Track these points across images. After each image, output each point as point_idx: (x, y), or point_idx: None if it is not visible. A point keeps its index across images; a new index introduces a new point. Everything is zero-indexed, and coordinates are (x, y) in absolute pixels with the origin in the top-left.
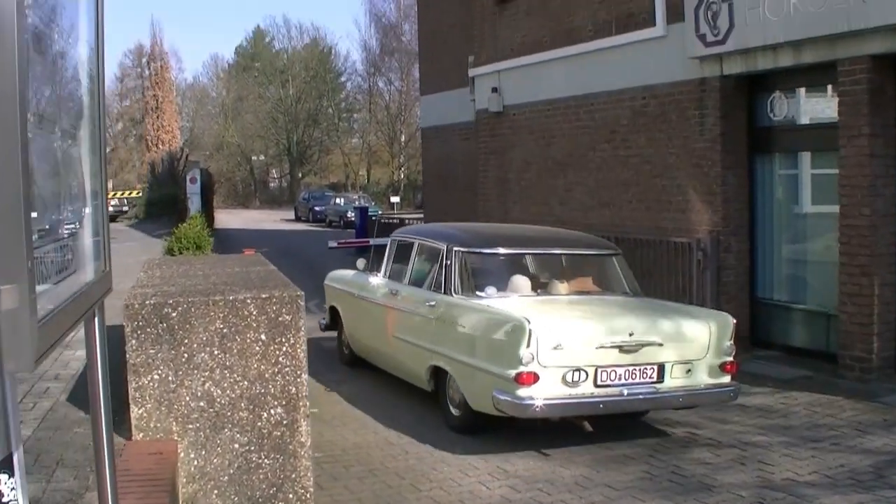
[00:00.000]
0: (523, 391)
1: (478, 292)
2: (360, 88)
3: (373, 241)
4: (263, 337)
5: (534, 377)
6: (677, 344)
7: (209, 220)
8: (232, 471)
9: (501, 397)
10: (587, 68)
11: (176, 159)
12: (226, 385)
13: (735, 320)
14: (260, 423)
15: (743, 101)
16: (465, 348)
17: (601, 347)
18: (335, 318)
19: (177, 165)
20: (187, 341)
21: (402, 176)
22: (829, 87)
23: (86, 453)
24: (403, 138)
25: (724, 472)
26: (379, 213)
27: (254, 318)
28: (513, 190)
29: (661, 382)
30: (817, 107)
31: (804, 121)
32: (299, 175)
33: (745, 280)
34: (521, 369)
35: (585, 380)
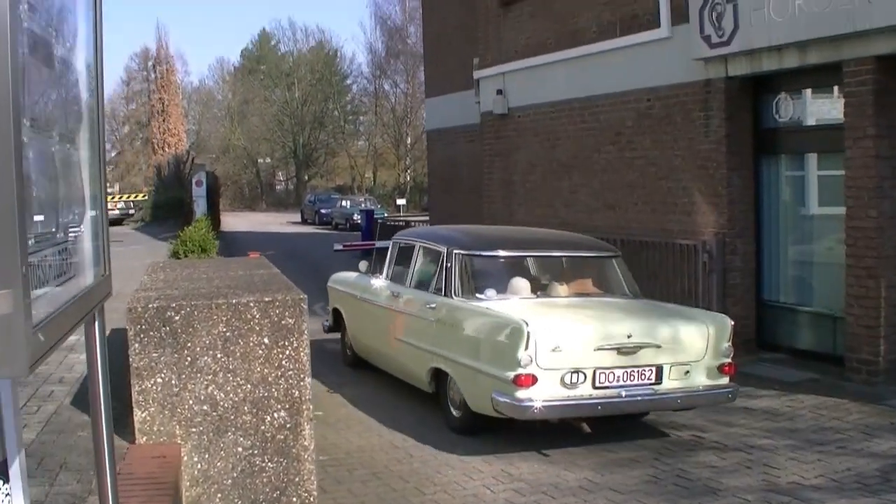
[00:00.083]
0: (522, 393)
1: (478, 295)
2: (365, 91)
3: (378, 243)
4: (266, 340)
5: (532, 379)
6: (675, 346)
7: (215, 223)
8: (235, 474)
9: (500, 399)
10: (591, 70)
11: (182, 162)
12: (229, 389)
13: (733, 322)
14: (263, 427)
15: (748, 103)
16: (465, 350)
17: (599, 349)
18: (338, 320)
19: (183, 168)
20: (190, 345)
21: (409, 178)
22: (835, 88)
23: (89, 457)
24: (409, 140)
25: (730, 475)
26: (385, 215)
27: (257, 321)
28: (518, 192)
29: (659, 384)
30: (823, 108)
31: (810, 122)
32: (305, 178)
33: (751, 282)
34: (520, 371)
35: (584, 382)
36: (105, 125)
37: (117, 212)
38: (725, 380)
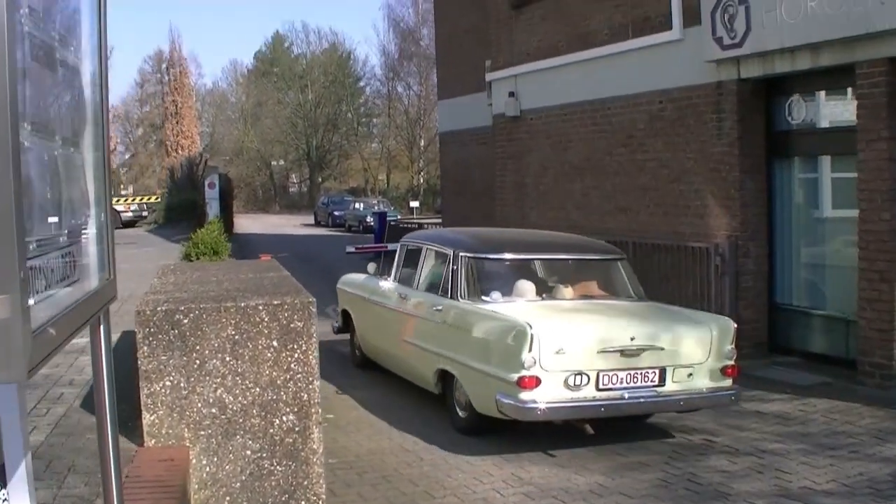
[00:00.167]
0: (526, 395)
1: (483, 297)
2: (378, 93)
3: (390, 245)
4: (275, 343)
5: (536, 381)
6: (678, 348)
7: (228, 225)
8: (244, 477)
9: (504, 400)
10: (603, 72)
11: (195, 164)
12: (237, 392)
13: (736, 325)
14: (272, 430)
15: (761, 105)
16: (470, 352)
17: (603, 352)
18: (347, 321)
19: (196, 170)
20: (199, 348)
21: (422, 180)
22: (849, 90)
23: (97, 459)
24: (423, 143)
25: (741, 479)
26: (398, 217)
27: (265, 324)
28: (530, 195)
29: (662, 386)
30: (836, 110)
31: (823, 124)
32: (319, 180)
33: (764, 285)
34: (524, 373)
35: (587, 383)
36: (109, 129)
37: (130, 214)
38: (728, 382)
